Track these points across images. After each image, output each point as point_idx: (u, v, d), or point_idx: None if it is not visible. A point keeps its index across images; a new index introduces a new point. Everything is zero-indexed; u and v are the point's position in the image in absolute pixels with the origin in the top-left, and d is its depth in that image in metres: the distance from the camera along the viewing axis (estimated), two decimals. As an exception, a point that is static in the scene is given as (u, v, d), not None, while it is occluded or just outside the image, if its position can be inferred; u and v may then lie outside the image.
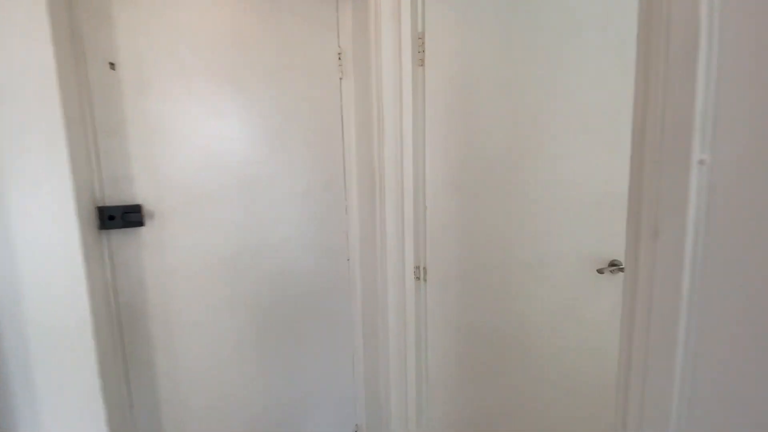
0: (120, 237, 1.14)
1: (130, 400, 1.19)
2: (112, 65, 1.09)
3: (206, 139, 1.21)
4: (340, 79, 1.39)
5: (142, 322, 1.20)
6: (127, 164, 1.13)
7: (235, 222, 1.27)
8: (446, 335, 1.30)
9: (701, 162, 0.42)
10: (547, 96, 1.24)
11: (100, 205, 1.09)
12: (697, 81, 0.41)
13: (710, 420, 0.43)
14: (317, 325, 1.43)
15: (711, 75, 0.40)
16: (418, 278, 1.29)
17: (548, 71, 1.23)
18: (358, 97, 1.37)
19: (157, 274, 1.19)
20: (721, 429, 0.42)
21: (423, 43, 1.20)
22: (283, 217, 1.34)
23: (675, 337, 0.43)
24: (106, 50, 1.08)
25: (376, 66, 1.30)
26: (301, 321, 1.41)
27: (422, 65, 1.21)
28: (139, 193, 1.15)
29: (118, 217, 1.11)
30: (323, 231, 1.41)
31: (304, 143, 1.35)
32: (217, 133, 1.22)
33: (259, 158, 1.29)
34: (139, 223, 1.13)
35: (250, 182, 1.28)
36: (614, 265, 1.34)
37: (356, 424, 1.57)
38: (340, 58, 1.37)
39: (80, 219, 0.96)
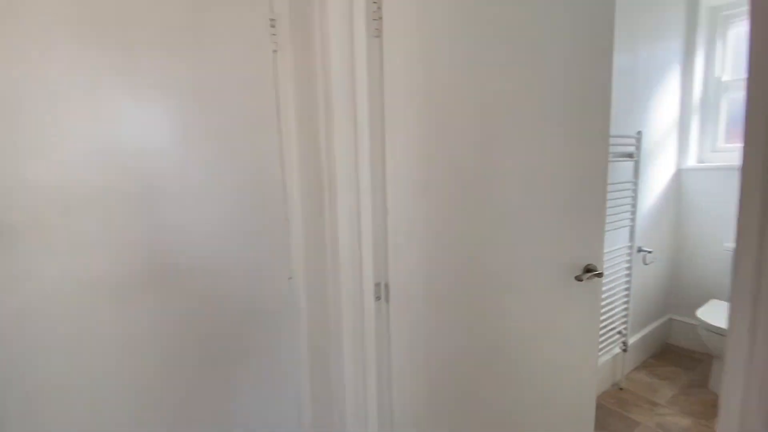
0: (-66, 266, 0.75)
1: None
2: None
3: (84, 122, 0.86)
4: (275, 52, 1.10)
5: (-17, 389, 0.81)
6: (-57, 155, 0.74)
7: (129, 237, 0.92)
8: (414, 366, 1.08)
9: None
10: (520, 80, 1.08)
11: None
12: None
13: None
14: (250, 365, 1.13)
15: None
16: (379, 298, 1.05)
17: (522, 52, 1.07)
18: (299, 75, 1.10)
19: (5, 317, 0.81)
20: None
21: (379, 8, 0.97)
22: (200, 228, 1.02)
23: None
24: None
25: (321, 36, 1.04)
26: (227, 364, 1.09)
27: (379, 36, 0.98)
28: (-33, 199, 0.77)
29: (-72, 237, 0.72)
30: (256, 243, 1.11)
31: (227, 132, 1.04)
32: (102, 116, 0.88)
33: (164, 151, 0.96)
34: (-34, 244, 0.75)
35: (152, 183, 0.95)
36: (589, 271, 1.23)
37: (304, 477, 1.28)
38: (273, 26, 1.09)
39: None
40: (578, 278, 1.19)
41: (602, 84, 1.18)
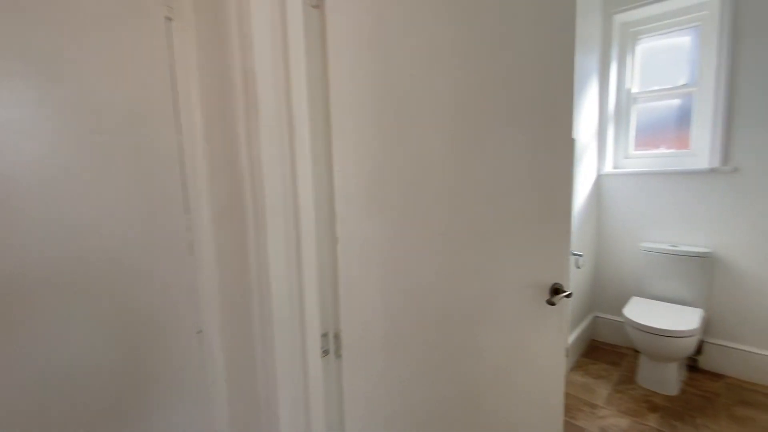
0: None
1: None
2: None
3: None
4: (168, 20, 0.79)
5: None
6: None
7: None
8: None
9: None
10: (487, 73, 0.92)
11: None
12: None
13: None
14: (142, 465, 0.79)
15: None
16: (327, 353, 0.79)
17: (496, 39, 0.91)
18: (207, 54, 0.80)
19: None
20: None
21: (319, -32, 0.72)
22: (54, 269, 0.66)
23: None
24: None
25: (237, 3, 0.76)
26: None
27: (319, 6, 0.74)
28: None
29: None
30: (143, 286, 0.78)
31: (97, 128, 0.70)
32: None
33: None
34: None
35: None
36: (558, 291, 1.11)
37: None
38: (165, -17, 0.78)
39: None
40: (550, 302, 1.06)
41: (566, 84, 1.08)
